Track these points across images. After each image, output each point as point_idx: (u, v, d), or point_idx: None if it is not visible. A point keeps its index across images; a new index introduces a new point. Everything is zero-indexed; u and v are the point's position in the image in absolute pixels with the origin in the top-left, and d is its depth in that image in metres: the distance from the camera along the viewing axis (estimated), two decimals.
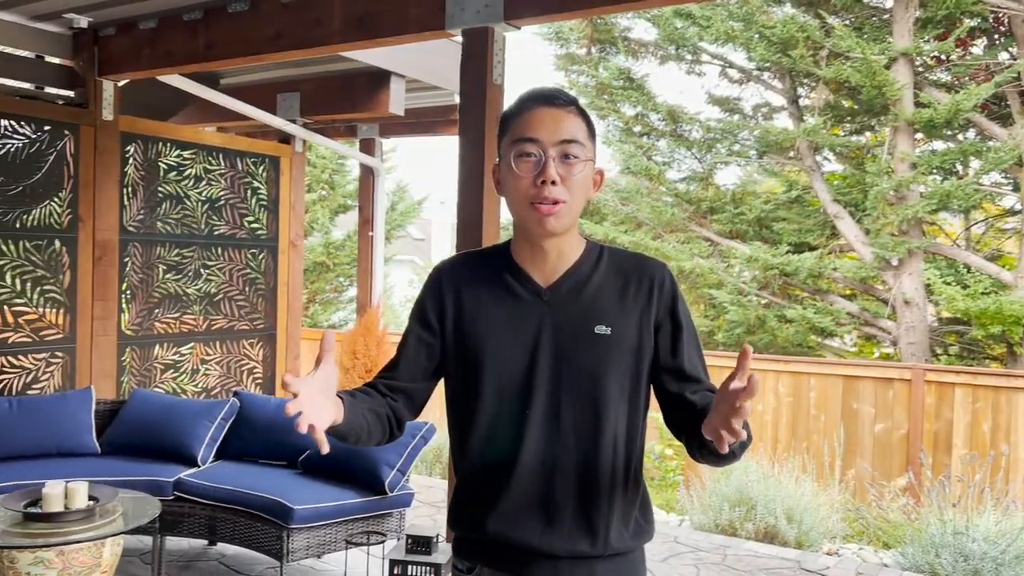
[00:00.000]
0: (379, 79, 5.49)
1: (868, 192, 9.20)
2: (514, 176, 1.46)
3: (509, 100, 1.57)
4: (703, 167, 11.51)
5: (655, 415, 1.60)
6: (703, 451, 1.41)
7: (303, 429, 1.25)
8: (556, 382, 1.47)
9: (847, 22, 9.95)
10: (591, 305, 1.50)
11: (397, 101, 5.59)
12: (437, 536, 3.40)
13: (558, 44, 11.80)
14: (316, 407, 1.28)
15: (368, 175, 6.75)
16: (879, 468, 6.32)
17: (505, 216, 3.60)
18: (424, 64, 5.39)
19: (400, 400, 1.56)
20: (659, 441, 6.75)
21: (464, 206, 3.60)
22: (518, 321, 1.50)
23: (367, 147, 6.76)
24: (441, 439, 5.69)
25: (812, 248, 10.18)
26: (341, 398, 1.40)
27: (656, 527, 1.61)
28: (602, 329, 1.48)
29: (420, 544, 3.33)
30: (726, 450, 1.29)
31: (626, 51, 11.58)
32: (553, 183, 1.43)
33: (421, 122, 6.59)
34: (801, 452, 5.93)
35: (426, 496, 5.45)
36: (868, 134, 10.85)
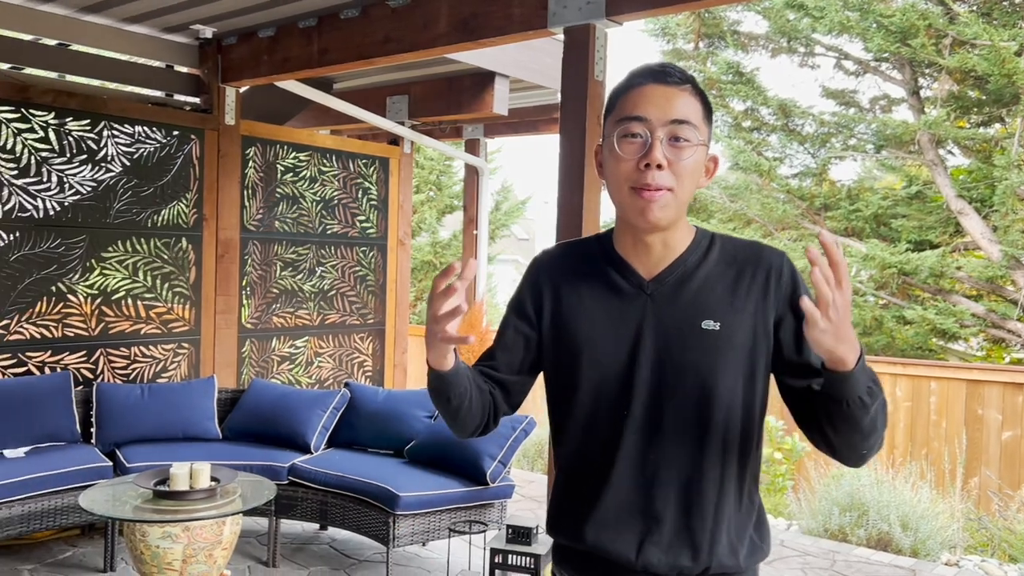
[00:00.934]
0: (484, 80, 5.59)
1: (996, 187, 8.68)
2: (616, 158, 1.33)
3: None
4: (817, 162, 11.12)
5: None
6: (832, 426, 1.26)
7: (443, 324, 1.25)
8: (658, 382, 1.36)
9: (973, 8, 9.43)
10: (698, 299, 1.37)
11: (501, 101, 5.68)
12: (537, 527, 3.44)
13: (664, 40, 11.66)
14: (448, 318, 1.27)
15: (473, 175, 6.88)
16: (1005, 477, 5.97)
17: (607, 213, 3.61)
18: (528, 63, 5.45)
19: (497, 391, 1.49)
20: (768, 444, 6.60)
21: (564, 205, 3.63)
22: (618, 316, 1.39)
23: (472, 147, 6.89)
24: (542, 434, 5.74)
25: (934, 246, 9.69)
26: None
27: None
28: (710, 324, 1.35)
29: (520, 534, 3.39)
30: (830, 317, 1.13)
31: (735, 45, 11.32)
32: (659, 167, 1.30)
33: (524, 121, 6.66)
34: (919, 458, 5.67)
35: (527, 490, 5.51)
36: (996, 126, 10.23)
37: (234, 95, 5.19)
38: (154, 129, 4.88)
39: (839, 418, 1.24)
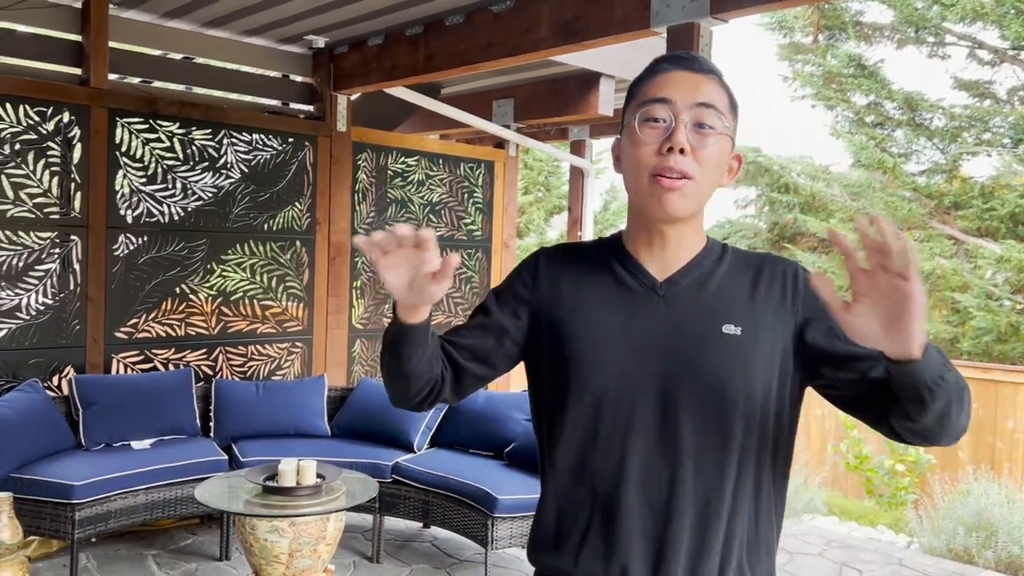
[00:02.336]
0: (588, 81, 5.55)
1: None
2: (635, 143, 1.23)
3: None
4: (946, 158, 10.50)
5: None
6: (903, 415, 1.11)
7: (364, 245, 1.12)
8: (671, 390, 1.23)
9: None
10: (717, 302, 1.26)
11: (606, 102, 5.63)
12: None
13: (781, 33, 11.28)
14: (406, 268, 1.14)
15: (578, 176, 6.85)
16: None
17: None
18: (634, 63, 5.37)
19: (449, 375, 1.32)
20: (889, 456, 6.28)
21: None
22: (628, 318, 1.26)
23: (578, 149, 6.86)
24: None
25: None
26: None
27: (878, 546, 1.33)
28: (731, 329, 1.23)
29: None
30: (869, 300, 0.99)
31: (857, 36, 10.83)
32: (682, 151, 1.19)
33: None
34: None
35: None
36: None
37: (345, 102, 5.35)
38: (270, 137, 5.09)
39: (906, 401, 1.09)
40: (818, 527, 5.27)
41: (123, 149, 4.53)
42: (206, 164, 4.84)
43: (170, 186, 4.71)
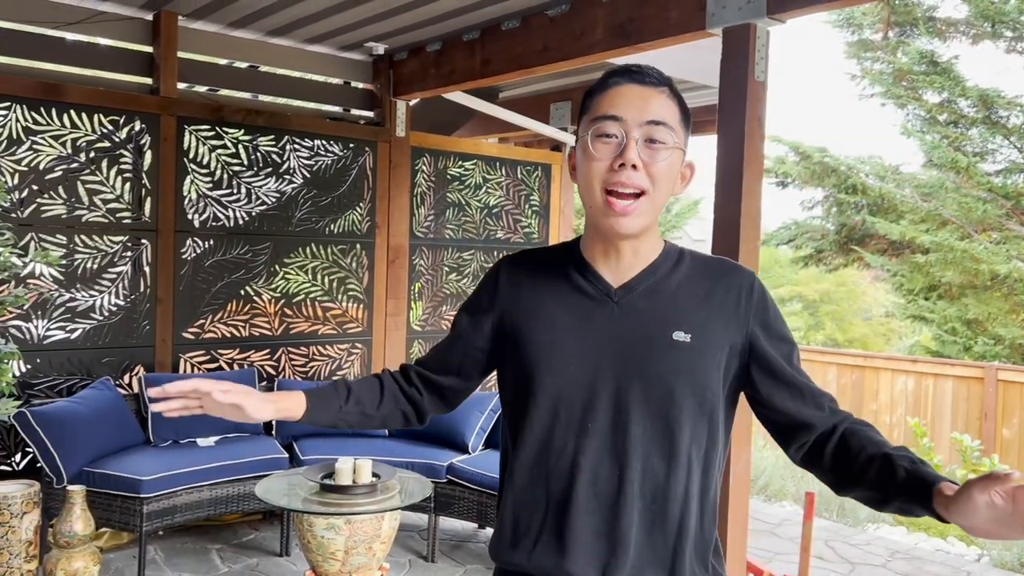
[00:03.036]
0: None
1: None
2: (589, 157, 1.28)
3: (774, 97, 1.39)
4: None
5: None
6: (902, 510, 1.20)
7: (156, 408, 1.34)
8: (623, 393, 1.28)
9: None
10: (669, 309, 1.31)
11: None
12: None
13: (849, 31, 11.01)
14: (206, 401, 1.33)
15: None
16: None
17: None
18: (691, 63, 5.33)
19: (428, 394, 1.46)
20: (961, 466, 6.08)
21: (721, 209, 3.52)
22: (582, 323, 1.32)
23: None
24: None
25: None
26: (306, 399, 1.40)
27: (946, 559, 1.38)
28: (681, 336, 1.29)
29: None
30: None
31: (930, 32, 10.51)
32: (634, 167, 1.25)
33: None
34: None
35: None
36: None
37: (404, 108, 5.43)
38: (332, 142, 5.21)
39: (894, 504, 1.20)
40: (882, 537, 5.13)
41: (191, 156, 4.69)
42: (270, 170, 4.97)
43: (235, 191, 4.86)
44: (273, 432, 4.56)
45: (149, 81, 4.67)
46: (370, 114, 5.53)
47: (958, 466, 6.08)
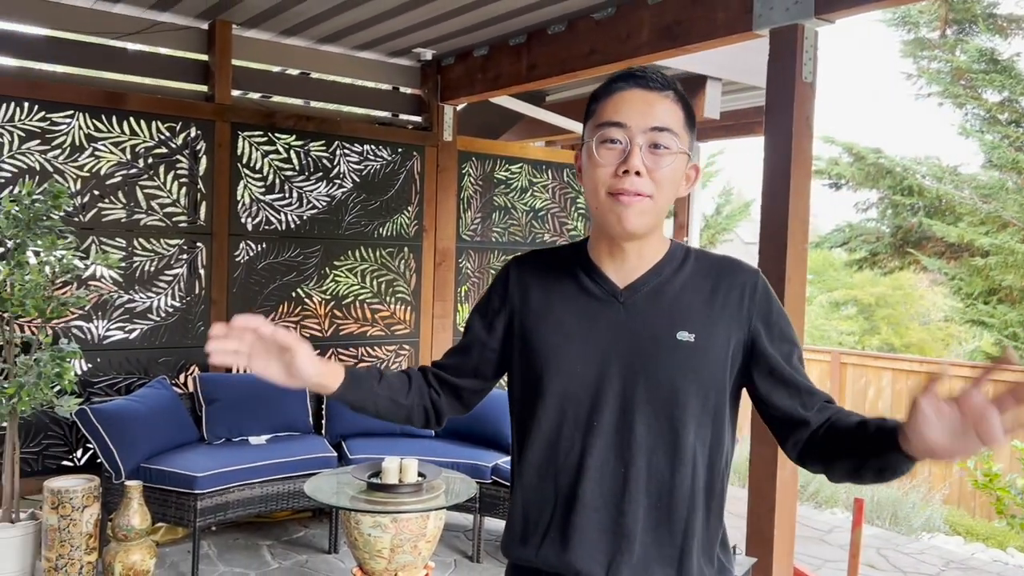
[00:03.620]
0: (694, 84, 5.48)
1: None
2: (594, 163, 1.30)
3: (827, 97, 1.38)
4: None
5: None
6: (880, 472, 1.20)
7: (208, 347, 1.26)
8: (628, 392, 1.31)
9: None
10: (673, 309, 1.33)
11: (713, 105, 5.55)
12: (734, 548, 3.33)
13: (904, 29, 10.77)
14: (256, 350, 1.28)
15: None
16: None
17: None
18: (740, 64, 5.29)
19: (445, 395, 1.49)
20: (1022, 474, 5.91)
21: (769, 210, 3.49)
22: (589, 323, 1.35)
23: None
24: (746, 449, 5.54)
25: None
26: (347, 372, 1.37)
27: (1003, 570, 1.37)
28: (685, 336, 1.31)
29: None
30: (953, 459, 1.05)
31: (990, 29, 10.23)
32: (637, 174, 1.27)
33: (739, 124, 6.45)
34: None
35: (732, 507, 5.33)
36: None
37: (451, 112, 5.49)
38: (380, 147, 5.29)
39: (866, 467, 1.21)
40: (937, 547, 5.01)
41: (244, 161, 4.81)
42: (320, 174, 5.07)
43: (287, 195, 4.97)
44: (323, 431, 4.65)
45: (204, 89, 4.81)
46: (418, 119, 5.60)
47: (1019, 475, 5.91)
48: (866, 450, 1.20)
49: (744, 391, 1.40)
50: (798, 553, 4.04)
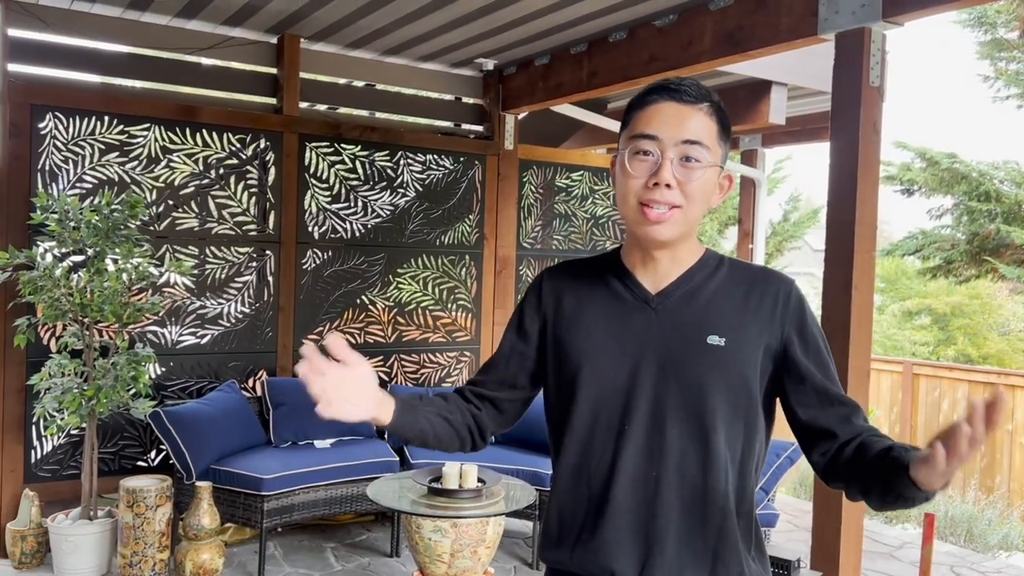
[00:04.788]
0: (759, 89, 5.42)
1: None
2: (626, 174, 1.33)
3: (899, 101, 1.39)
4: None
5: None
6: (883, 496, 1.22)
7: (324, 414, 1.20)
8: (660, 397, 1.32)
9: None
10: (705, 314, 1.34)
11: (778, 110, 5.47)
12: (799, 560, 3.27)
13: (981, 30, 10.42)
14: (340, 393, 1.21)
15: (749, 187, 6.67)
16: None
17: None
18: (807, 69, 5.20)
19: (485, 409, 1.49)
20: None
21: (835, 217, 3.43)
22: (621, 328, 1.36)
23: (749, 159, 6.68)
24: None
25: None
26: (395, 398, 1.34)
27: None
28: (715, 340, 1.32)
29: (780, 567, 3.24)
30: (936, 488, 1.12)
31: None
32: (668, 186, 1.29)
33: (806, 129, 6.34)
34: None
35: (801, 520, 5.22)
36: None
37: (512, 121, 5.53)
38: (442, 157, 5.36)
39: (885, 491, 1.21)
40: (1015, 565, 4.82)
41: (311, 171, 4.93)
42: (384, 183, 5.17)
43: (352, 204, 5.07)
44: (385, 436, 4.72)
45: (273, 101, 4.95)
46: (480, 128, 5.66)
47: None
48: (879, 473, 1.21)
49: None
50: (865, 569, 3.94)
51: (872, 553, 4.66)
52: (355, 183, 5.08)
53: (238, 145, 4.72)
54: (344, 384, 1.23)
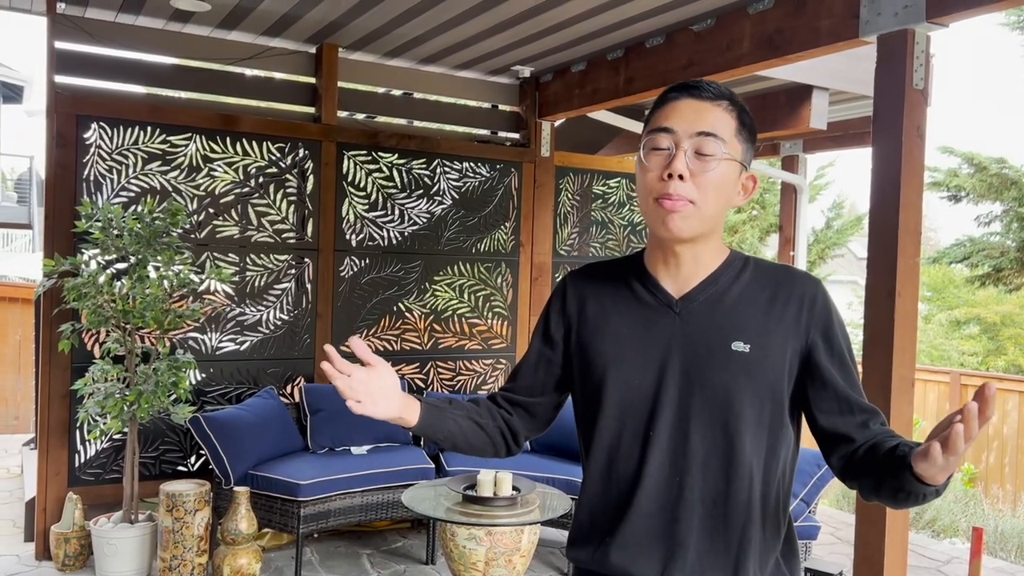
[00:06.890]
0: (799, 94, 5.33)
1: None
2: (643, 169, 1.33)
3: (945, 105, 1.37)
4: None
5: None
6: (894, 493, 1.20)
7: (356, 410, 1.25)
8: (684, 402, 1.32)
9: None
10: (729, 319, 1.33)
11: (819, 115, 5.38)
12: (841, 574, 3.20)
13: None
14: (371, 394, 1.26)
15: (790, 193, 6.57)
16: None
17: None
18: (848, 73, 5.10)
19: (517, 414, 1.50)
20: None
21: (877, 223, 3.35)
22: (645, 333, 1.36)
23: (790, 164, 6.59)
24: None
25: None
26: (420, 401, 1.37)
27: None
28: (740, 346, 1.31)
29: None
30: (939, 482, 1.11)
31: None
32: (680, 178, 1.28)
33: (848, 134, 6.23)
34: None
35: (843, 533, 5.10)
36: None
37: (549, 128, 5.52)
38: (479, 164, 5.37)
39: (895, 488, 1.20)
40: None
41: (349, 179, 4.97)
42: (421, 191, 5.19)
43: (389, 212, 5.10)
44: (421, 443, 4.72)
45: (312, 110, 5.00)
46: (516, 136, 5.66)
47: None
48: (888, 467, 1.21)
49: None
50: None
51: (918, 568, 4.53)
52: (392, 191, 5.11)
53: (277, 154, 4.77)
54: (370, 384, 1.27)
